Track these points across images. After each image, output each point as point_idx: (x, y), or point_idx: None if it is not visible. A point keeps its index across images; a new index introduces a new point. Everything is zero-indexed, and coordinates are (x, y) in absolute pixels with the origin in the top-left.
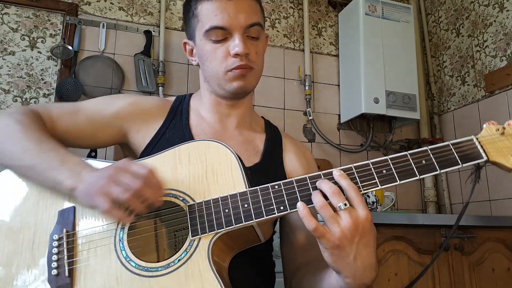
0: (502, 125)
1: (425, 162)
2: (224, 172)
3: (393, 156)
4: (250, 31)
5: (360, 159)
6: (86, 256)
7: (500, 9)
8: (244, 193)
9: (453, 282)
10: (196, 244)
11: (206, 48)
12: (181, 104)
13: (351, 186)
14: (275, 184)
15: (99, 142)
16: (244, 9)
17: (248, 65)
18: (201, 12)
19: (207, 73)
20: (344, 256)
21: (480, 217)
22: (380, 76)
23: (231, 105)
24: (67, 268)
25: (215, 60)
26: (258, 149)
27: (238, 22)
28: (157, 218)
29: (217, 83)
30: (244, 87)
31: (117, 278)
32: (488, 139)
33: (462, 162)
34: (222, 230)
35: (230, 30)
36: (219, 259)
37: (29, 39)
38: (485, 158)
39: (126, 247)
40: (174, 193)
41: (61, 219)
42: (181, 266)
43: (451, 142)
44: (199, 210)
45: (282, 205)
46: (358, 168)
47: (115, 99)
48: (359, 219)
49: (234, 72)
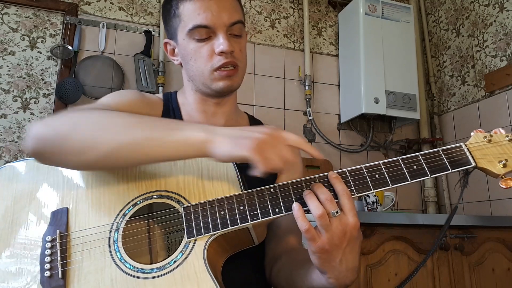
0: (489, 132)
1: (416, 167)
2: (219, 174)
3: (385, 161)
4: (233, 29)
5: (360, 159)
6: (80, 257)
7: (500, 9)
8: (240, 195)
9: (453, 282)
10: (191, 245)
11: (190, 47)
12: (170, 102)
13: (345, 192)
14: (270, 187)
15: None
16: (226, 7)
17: (234, 62)
18: (183, 12)
19: (191, 72)
20: (331, 260)
21: (480, 217)
22: (380, 76)
23: (216, 103)
24: (60, 269)
25: (200, 58)
26: None
27: (222, 21)
28: (152, 219)
29: (202, 82)
30: (231, 86)
31: (111, 280)
32: (476, 146)
33: (452, 168)
34: (218, 232)
35: (214, 28)
36: (214, 261)
37: (29, 39)
38: (474, 164)
39: (120, 249)
40: (169, 195)
41: (54, 220)
42: (176, 268)
43: (441, 148)
44: (195, 212)
45: (277, 208)
46: (352, 172)
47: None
48: (348, 226)
49: (220, 73)
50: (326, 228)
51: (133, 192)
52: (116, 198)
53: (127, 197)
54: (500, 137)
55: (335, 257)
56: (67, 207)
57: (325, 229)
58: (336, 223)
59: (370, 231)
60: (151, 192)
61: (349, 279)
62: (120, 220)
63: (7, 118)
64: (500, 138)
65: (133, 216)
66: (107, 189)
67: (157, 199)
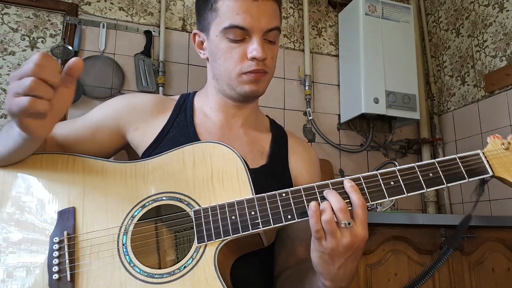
0: (507, 140)
1: (432, 175)
2: (230, 176)
3: (401, 168)
4: (269, 35)
5: (360, 159)
6: (88, 260)
7: (500, 9)
8: (251, 200)
9: (453, 282)
10: (202, 251)
11: (221, 46)
12: (185, 102)
13: (360, 202)
14: (282, 191)
15: (102, 147)
16: (267, 12)
17: (264, 70)
18: (221, 7)
19: (218, 71)
20: (330, 264)
21: (480, 217)
22: (380, 76)
23: (238, 106)
24: (69, 272)
25: (230, 59)
26: (264, 150)
27: (260, 25)
28: (161, 222)
29: (228, 83)
30: (257, 91)
31: (121, 284)
32: (494, 154)
33: (469, 177)
34: (229, 238)
35: (250, 32)
36: (223, 265)
37: (29, 39)
38: (491, 173)
39: (130, 252)
40: (178, 196)
41: (61, 220)
42: (187, 273)
43: (458, 156)
44: (205, 216)
45: (289, 214)
46: (367, 178)
47: (110, 101)
48: (357, 238)
49: (249, 76)
50: (333, 234)
51: (142, 193)
52: (125, 199)
53: (135, 198)
54: None
55: (335, 263)
56: (74, 206)
57: (332, 235)
58: (345, 234)
59: (370, 231)
60: (160, 193)
61: (346, 283)
62: (128, 222)
63: (7, 118)
64: None
65: (142, 218)
66: (115, 188)
67: (166, 201)
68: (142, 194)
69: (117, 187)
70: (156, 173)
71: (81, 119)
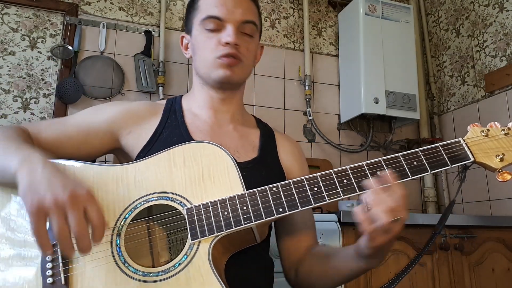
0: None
1: (417, 163)
2: (220, 174)
3: (386, 158)
4: (245, 28)
5: (360, 159)
6: (82, 263)
7: (500, 9)
8: (243, 195)
9: (453, 282)
10: (196, 247)
11: (200, 38)
12: (173, 104)
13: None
14: (273, 186)
15: (92, 149)
16: (242, 5)
17: (237, 54)
18: (202, 4)
19: (198, 62)
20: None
21: (480, 217)
22: (380, 76)
23: (222, 99)
24: (63, 275)
25: (207, 48)
26: (254, 144)
27: (234, 16)
28: (154, 222)
29: (205, 71)
30: (230, 77)
31: (116, 284)
32: (474, 141)
33: (451, 163)
34: (222, 233)
35: (225, 21)
36: (218, 261)
37: (29, 39)
38: (472, 159)
39: (123, 253)
40: (170, 196)
41: None
42: (181, 270)
43: (440, 144)
44: (198, 213)
45: (280, 207)
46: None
47: (104, 106)
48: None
49: (222, 60)
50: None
51: (133, 195)
52: (116, 201)
53: (127, 200)
54: (496, 131)
55: (386, 250)
56: None
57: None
58: (397, 227)
59: None
60: (152, 194)
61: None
62: (121, 224)
63: (7, 118)
64: (496, 132)
65: (134, 219)
66: (106, 192)
67: (158, 200)
68: (133, 195)
69: (109, 190)
70: (146, 175)
71: (72, 121)
